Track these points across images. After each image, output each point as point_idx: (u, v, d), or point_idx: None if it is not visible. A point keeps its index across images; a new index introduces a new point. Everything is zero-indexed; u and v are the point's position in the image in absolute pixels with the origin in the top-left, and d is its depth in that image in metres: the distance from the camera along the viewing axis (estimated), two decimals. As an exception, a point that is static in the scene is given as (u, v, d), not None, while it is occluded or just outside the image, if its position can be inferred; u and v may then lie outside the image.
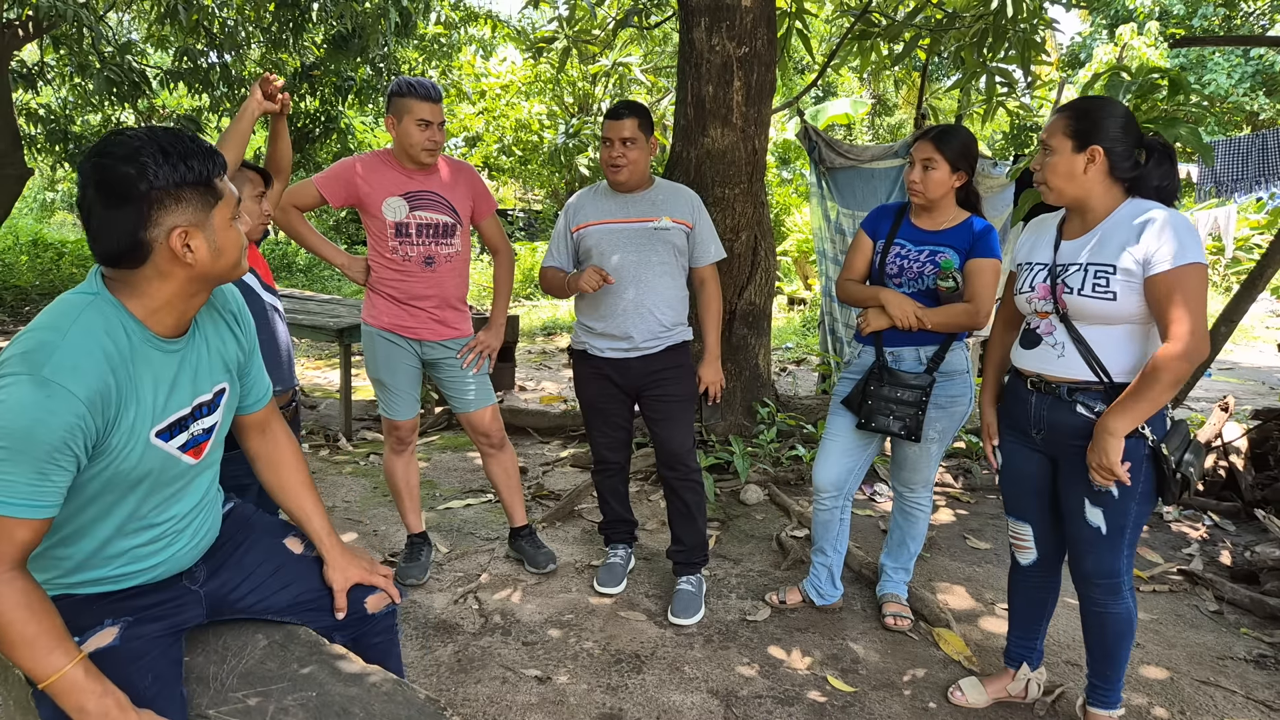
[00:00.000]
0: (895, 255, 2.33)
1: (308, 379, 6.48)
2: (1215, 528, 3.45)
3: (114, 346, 1.19)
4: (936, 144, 2.24)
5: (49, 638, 1.13)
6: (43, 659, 1.12)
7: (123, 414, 1.20)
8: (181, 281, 1.24)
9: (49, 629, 1.14)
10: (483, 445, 2.84)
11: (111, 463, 1.22)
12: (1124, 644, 1.90)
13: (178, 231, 1.19)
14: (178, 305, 1.26)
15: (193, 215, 1.20)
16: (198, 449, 1.37)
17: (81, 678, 1.14)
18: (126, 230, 1.17)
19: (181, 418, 1.31)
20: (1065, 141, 1.76)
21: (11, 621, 1.11)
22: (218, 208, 1.24)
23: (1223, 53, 15.56)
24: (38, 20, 5.77)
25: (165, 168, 1.16)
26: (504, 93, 11.93)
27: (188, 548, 1.41)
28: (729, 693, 2.19)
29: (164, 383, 1.27)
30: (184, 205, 1.19)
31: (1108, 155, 1.73)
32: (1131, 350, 1.75)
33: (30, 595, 1.14)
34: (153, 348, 1.25)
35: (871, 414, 2.34)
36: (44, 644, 1.12)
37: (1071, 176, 1.77)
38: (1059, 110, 1.82)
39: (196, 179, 1.20)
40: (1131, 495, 1.77)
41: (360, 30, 6.56)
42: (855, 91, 17.14)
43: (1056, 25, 4.95)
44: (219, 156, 1.24)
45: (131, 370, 1.21)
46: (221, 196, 1.25)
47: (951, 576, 2.95)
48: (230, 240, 1.27)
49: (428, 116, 2.45)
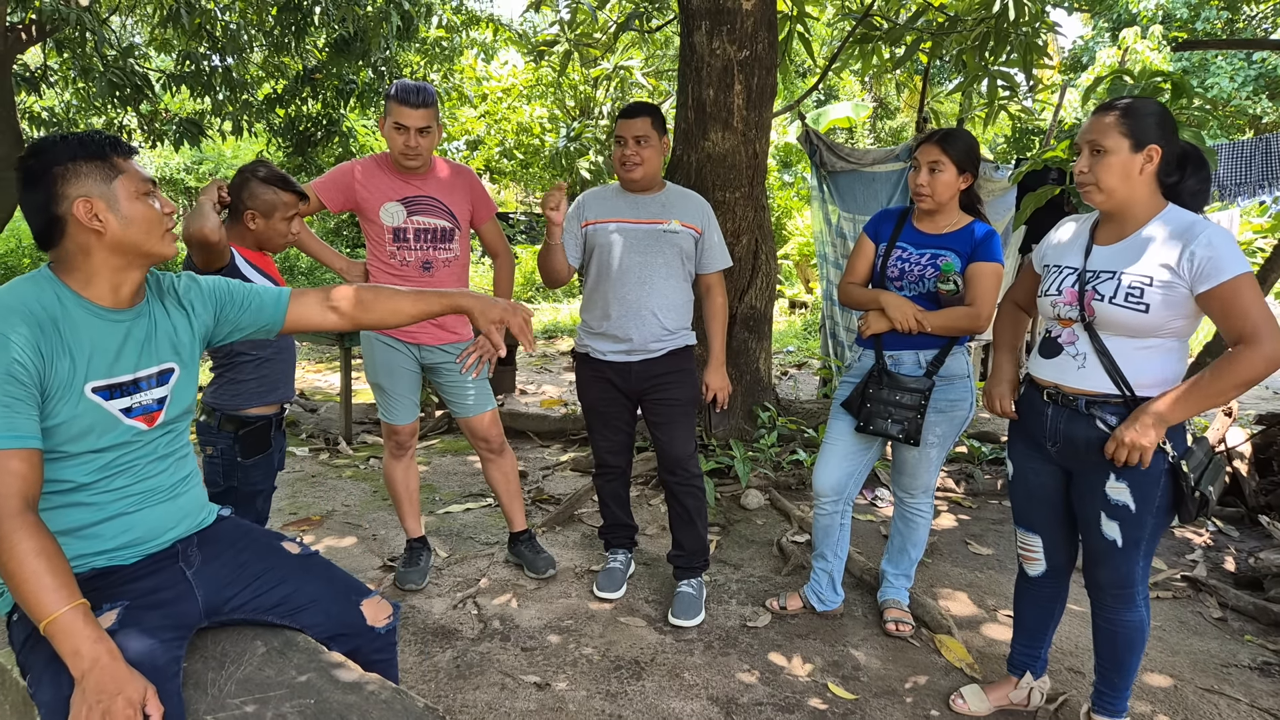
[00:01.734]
0: (897, 259, 2.32)
1: (308, 382, 6.48)
2: (1219, 534, 3.44)
3: (41, 306, 1.33)
4: (942, 146, 2.22)
5: (52, 578, 1.20)
6: (45, 597, 1.19)
7: (56, 363, 1.32)
8: (101, 252, 1.37)
9: (53, 570, 1.21)
10: (482, 450, 2.84)
11: (54, 409, 1.32)
12: (1134, 653, 1.88)
13: (80, 200, 1.33)
14: (106, 276, 1.39)
15: (93, 186, 1.35)
16: (148, 416, 1.45)
17: (80, 621, 1.20)
18: (40, 207, 1.34)
19: (123, 383, 1.41)
20: (1122, 141, 1.68)
21: (21, 555, 1.19)
22: (119, 180, 1.37)
23: (1226, 56, 15.55)
24: (41, 24, 5.78)
25: (60, 146, 1.34)
26: (505, 96, 11.95)
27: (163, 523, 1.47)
28: (729, 700, 2.18)
29: (104, 347, 1.39)
30: (83, 178, 1.34)
31: (1163, 156, 1.68)
32: (1155, 365, 1.70)
33: (39, 534, 1.22)
34: (89, 313, 1.38)
35: (871, 417, 2.33)
36: (47, 584, 1.19)
37: (1128, 177, 1.69)
38: (1104, 110, 1.74)
39: (90, 155, 1.35)
40: (1149, 509, 1.74)
41: (362, 34, 6.57)
42: (857, 95, 17.15)
43: (1058, 29, 4.94)
44: (121, 143, 1.40)
45: (61, 326, 1.34)
46: (123, 172, 1.38)
47: (954, 582, 2.93)
48: (138, 211, 1.38)
49: (405, 121, 2.41)
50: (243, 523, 1.66)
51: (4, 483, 1.22)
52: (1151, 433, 1.65)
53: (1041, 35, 4.62)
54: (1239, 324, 1.61)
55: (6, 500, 1.21)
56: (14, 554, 1.19)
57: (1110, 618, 1.87)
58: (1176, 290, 1.64)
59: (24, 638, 1.33)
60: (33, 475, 1.25)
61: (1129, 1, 16.02)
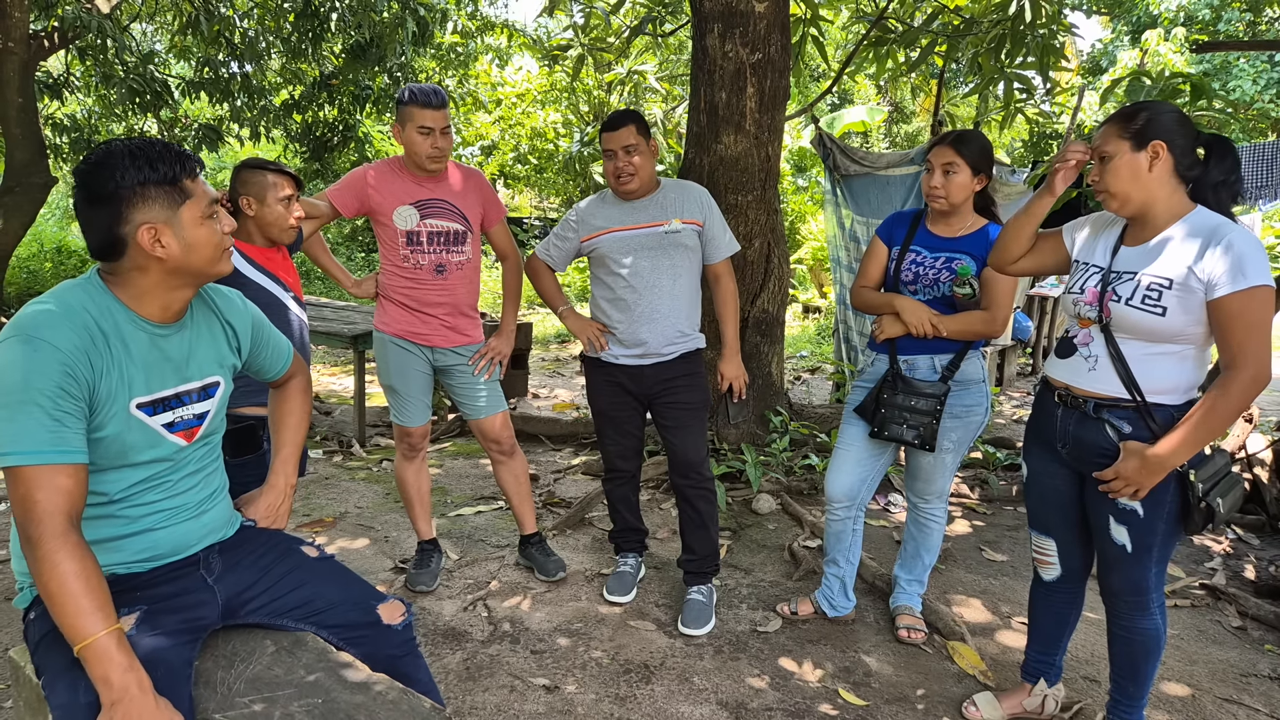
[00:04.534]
0: (911, 262, 2.30)
1: (322, 386, 6.53)
2: (1239, 541, 3.38)
3: (94, 318, 1.31)
4: (956, 147, 2.20)
5: (91, 601, 1.19)
6: (83, 621, 1.18)
7: (105, 377, 1.31)
8: (158, 274, 1.35)
9: (91, 591, 1.20)
10: (493, 452, 2.84)
11: (100, 423, 1.31)
12: (1150, 662, 1.85)
13: (146, 227, 1.31)
14: (159, 295, 1.37)
15: (160, 212, 1.32)
16: (189, 432, 1.45)
17: (113, 648, 1.19)
18: (103, 226, 1.31)
19: (166, 398, 1.41)
20: (1122, 144, 1.66)
21: (63, 577, 1.19)
22: (186, 206, 1.34)
23: (1248, 58, 15.35)
24: (63, 31, 5.89)
25: (131, 170, 1.29)
26: (520, 101, 12.01)
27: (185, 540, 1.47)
28: (739, 704, 2.17)
29: (150, 362, 1.38)
30: (151, 203, 1.31)
31: (1170, 150, 1.64)
32: (1169, 371, 1.68)
33: (81, 555, 1.21)
34: (138, 328, 1.36)
35: (885, 423, 2.31)
36: (86, 606, 1.19)
37: (1136, 177, 1.66)
38: (1108, 120, 1.73)
39: (161, 179, 1.31)
40: (1159, 515, 1.72)
41: (378, 40, 6.63)
42: (872, 99, 17.08)
43: (1076, 30, 4.90)
44: (189, 160, 1.35)
45: (110, 340, 1.32)
46: (190, 196, 1.35)
47: (967, 589, 2.90)
48: (201, 237, 1.36)
49: (429, 123, 2.43)
50: (264, 531, 1.66)
51: (50, 500, 1.20)
52: (1155, 479, 1.65)
53: (1059, 37, 4.58)
54: (1233, 341, 1.57)
55: (52, 518, 1.20)
56: (55, 574, 1.18)
57: (1125, 625, 1.84)
58: (1195, 294, 1.60)
59: (39, 638, 1.33)
60: (78, 491, 1.24)
61: (1150, 3, 15.86)
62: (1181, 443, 1.61)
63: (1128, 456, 1.67)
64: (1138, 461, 1.65)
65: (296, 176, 2.22)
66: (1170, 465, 1.64)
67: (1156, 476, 1.65)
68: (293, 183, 2.19)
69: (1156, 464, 1.64)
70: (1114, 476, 1.70)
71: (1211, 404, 1.59)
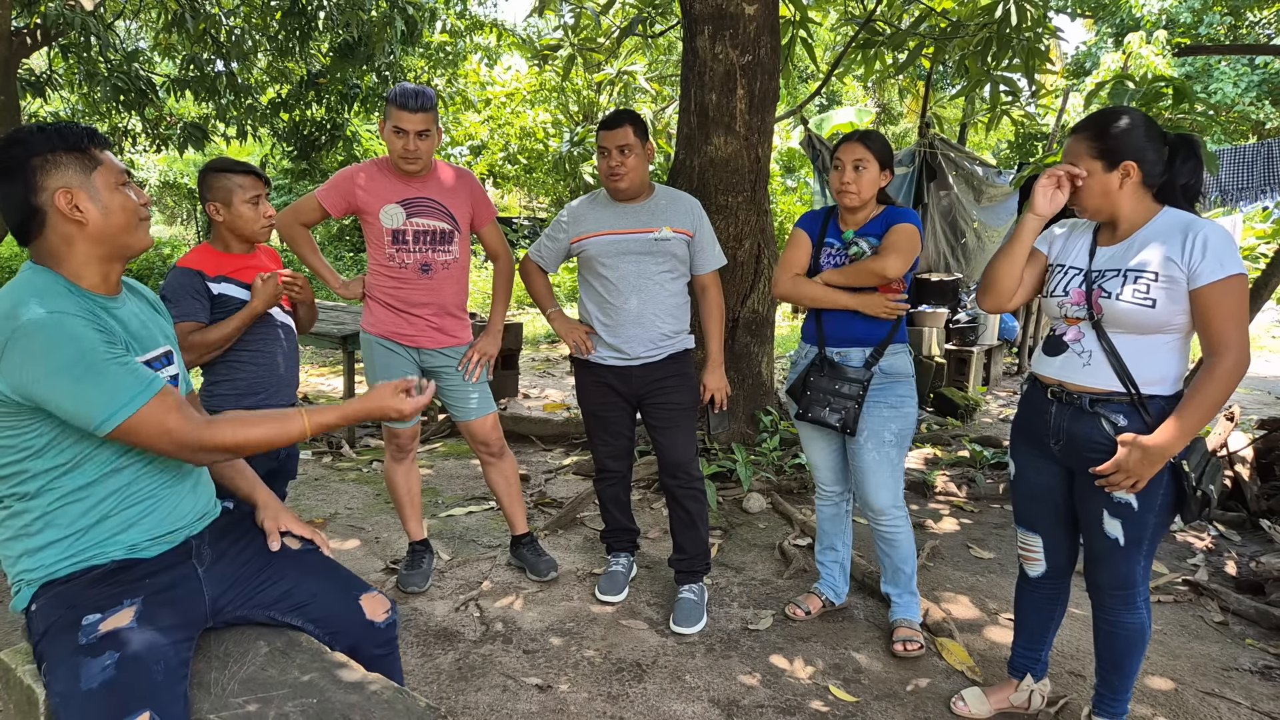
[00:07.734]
0: (827, 256, 2.40)
1: (311, 386, 6.49)
2: (1220, 538, 3.43)
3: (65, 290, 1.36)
4: (866, 144, 2.27)
5: (275, 422, 1.43)
6: (291, 424, 1.43)
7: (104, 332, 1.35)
8: (84, 243, 1.38)
9: (264, 415, 1.44)
10: (482, 454, 2.84)
11: None
12: (1135, 656, 1.89)
13: (62, 191, 1.34)
14: (95, 265, 1.41)
15: (73, 176, 1.35)
16: None
17: (322, 410, 1.47)
18: (20, 199, 1.34)
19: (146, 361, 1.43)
20: (1094, 164, 1.75)
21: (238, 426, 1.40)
22: (98, 172, 1.38)
23: (1229, 62, 15.55)
24: (46, 28, 5.82)
25: (39, 137, 1.34)
26: (509, 101, 11.99)
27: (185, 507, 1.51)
28: (731, 702, 2.18)
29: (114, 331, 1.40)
30: (62, 168, 1.35)
31: (1140, 167, 1.72)
32: (1161, 362, 1.72)
33: (226, 417, 1.42)
34: (91, 301, 1.39)
35: (810, 405, 2.35)
36: (274, 414, 1.45)
37: (1107, 194, 1.75)
38: (1076, 131, 1.79)
39: (70, 146, 1.36)
40: (1151, 508, 1.75)
41: (366, 39, 6.59)
42: (860, 100, 17.16)
43: (1060, 34, 4.95)
44: (98, 134, 1.41)
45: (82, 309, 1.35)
46: (101, 163, 1.39)
47: (955, 586, 2.93)
48: (117, 202, 1.39)
49: (404, 125, 2.41)
50: (247, 517, 1.68)
51: (178, 419, 1.32)
52: (1155, 469, 1.69)
53: (1043, 40, 4.63)
54: (1214, 329, 1.64)
55: (194, 424, 1.34)
56: (236, 434, 1.38)
57: (1111, 619, 1.88)
58: (1179, 285, 1.67)
59: (44, 629, 1.34)
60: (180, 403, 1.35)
61: (1133, 6, 16.03)
62: (1178, 431, 1.66)
63: (1128, 448, 1.70)
64: (1139, 453, 1.68)
65: (263, 175, 2.21)
66: (1169, 454, 1.67)
67: (1156, 466, 1.68)
68: (260, 181, 2.18)
69: (1157, 453, 1.67)
70: (1114, 469, 1.72)
71: (1202, 390, 1.64)
